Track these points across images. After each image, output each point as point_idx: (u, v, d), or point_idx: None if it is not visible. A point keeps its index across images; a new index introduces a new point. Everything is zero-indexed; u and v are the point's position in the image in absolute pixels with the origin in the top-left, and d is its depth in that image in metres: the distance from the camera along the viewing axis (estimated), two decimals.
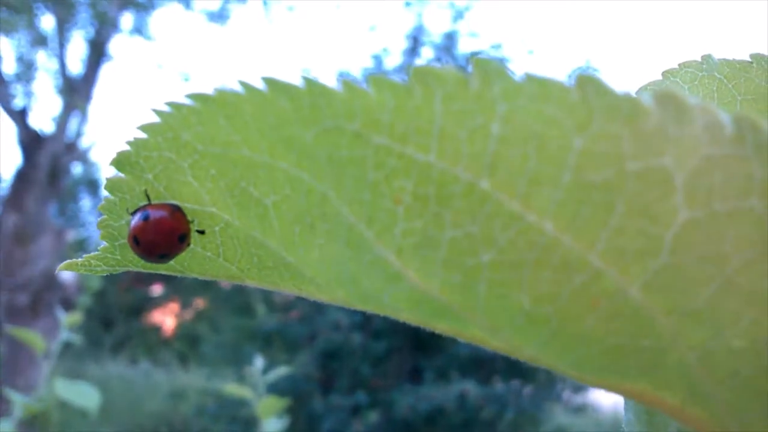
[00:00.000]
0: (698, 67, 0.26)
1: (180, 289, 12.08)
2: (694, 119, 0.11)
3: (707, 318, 0.13)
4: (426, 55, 5.51)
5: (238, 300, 5.83)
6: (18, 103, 5.41)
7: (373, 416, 4.14)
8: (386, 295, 0.16)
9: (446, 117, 0.12)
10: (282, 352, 4.85)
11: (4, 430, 1.14)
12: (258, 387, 1.32)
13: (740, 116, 0.12)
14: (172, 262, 0.19)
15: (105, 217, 0.19)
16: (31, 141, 5.15)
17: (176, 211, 0.18)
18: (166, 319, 12.33)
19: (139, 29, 6.19)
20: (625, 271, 0.13)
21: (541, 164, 0.12)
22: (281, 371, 1.39)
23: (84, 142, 6.05)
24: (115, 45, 6.07)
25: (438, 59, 5.45)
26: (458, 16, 5.58)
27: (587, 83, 0.11)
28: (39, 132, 5.22)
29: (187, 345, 10.70)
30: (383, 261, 0.15)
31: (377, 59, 5.57)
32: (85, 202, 12.35)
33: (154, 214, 0.18)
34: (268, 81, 0.13)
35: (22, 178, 5.11)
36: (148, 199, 0.18)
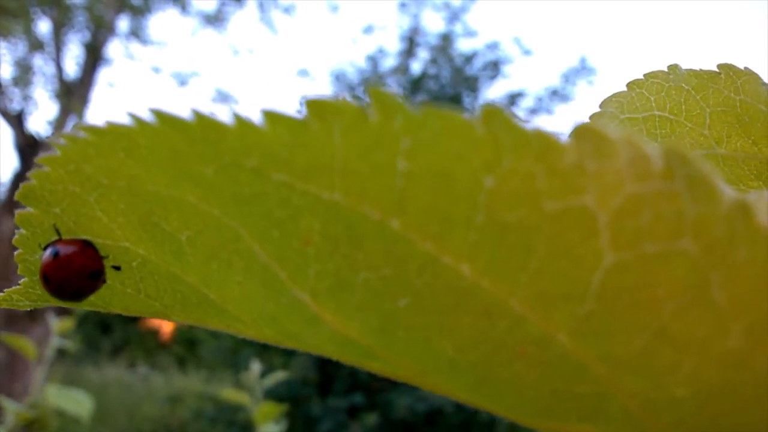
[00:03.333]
0: (665, 78, 0.25)
1: None
2: (616, 153, 0.10)
3: (644, 366, 0.12)
4: (422, 55, 5.51)
5: None
6: (15, 107, 5.41)
7: (372, 418, 4.14)
8: (309, 337, 0.15)
9: (347, 151, 0.11)
10: (279, 355, 4.84)
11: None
12: (255, 392, 1.31)
13: (669, 149, 0.10)
14: (92, 299, 0.18)
15: (21, 251, 0.18)
16: (27, 145, 5.14)
17: (87, 247, 0.17)
18: (164, 323, 12.36)
19: (135, 33, 6.18)
20: (548, 317, 0.12)
21: (452, 203, 0.11)
22: (278, 376, 1.39)
23: None
24: (111, 49, 6.05)
25: (434, 60, 5.44)
26: (454, 16, 5.58)
27: (493, 117, 0.10)
28: (36, 136, 5.21)
29: (185, 349, 10.70)
30: (300, 303, 0.14)
31: (372, 60, 5.57)
32: None
33: (64, 250, 0.17)
34: (157, 114, 0.12)
35: (19, 182, 5.10)
36: (59, 235, 0.17)
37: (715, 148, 0.25)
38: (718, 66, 0.24)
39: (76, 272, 0.17)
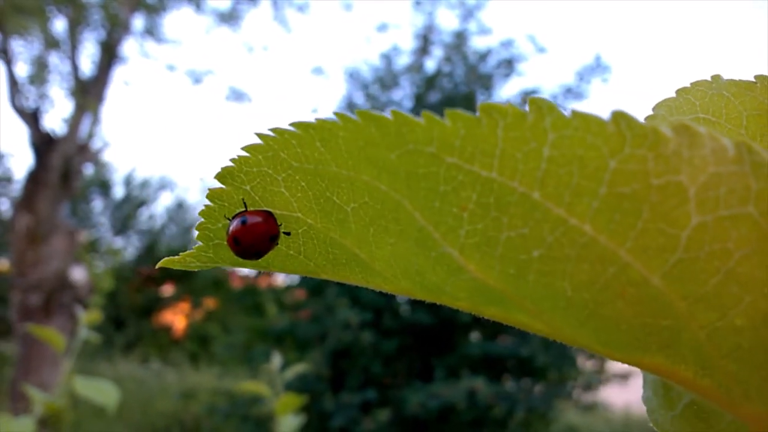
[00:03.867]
0: (708, 86, 0.29)
1: (190, 289, 12.14)
2: (703, 144, 0.15)
3: (715, 301, 0.16)
4: (436, 53, 5.52)
5: (249, 300, 5.86)
6: (31, 105, 5.45)
7: (384, 414, 4.16)
8: (448, 285, 0.19)
9: (506, 142, 0.16)
10: (292, 351, 4.88)
11: (24, 427, 1.16)
12: (276, 384, 1.35)
13: (740, 141, 0.15)
14: (259, 260, 0.23)
15: (203, 221, 0.23)
16: (43, 143, 5.20)
17: (269, 216, 0.21)
18: (177, 319, 12.39)
19: (150, 31, 6.22)
20: (648, 264, 0.16)
21: (582, 180, 0.15)
22: (298, 368, 1.42)
23: (96, 144, 6.10)
24: (126, 47, 6.08)
25: (448, 58, 5.45)
26: (468, 14, 5.58)
27: (621, 118, 0.14)
28: (51, 133, 5.26)
29: (198, 345, 10.76)
30: (448, 257, 0.18)
31: (386, 58, 5.58)
32: (97, 203, 12.41)
33: (251, 219, 0.21)
34: (361, 113, 0.17)
35: (34, 179, 5.15)
36: (245, 207, 0.21)
37: None
38: (755, 77, 0.28)
39: (259, 236, 0.22)
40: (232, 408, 4.61)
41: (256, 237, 0.21)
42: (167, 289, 12.39)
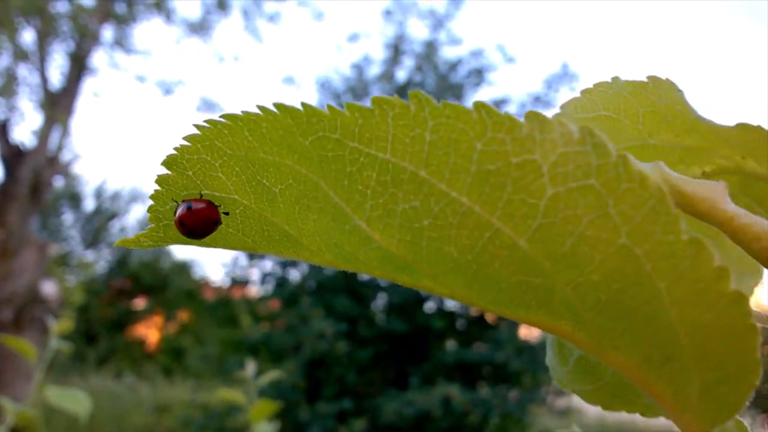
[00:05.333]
0: (608, 87, 0.33)
1: (163, 302, 12.03)
2: (553, 129, 0.18)
3: (572, 260, 0.20)
4: (407, 63, 5.58)
5: (222, 312, 5.82)
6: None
7: (360, 423, 4.17)
8: (361, 255, 0.23)
9: (396, 129, 0.19)
10: (267, 361, 4.87)
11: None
12: (250, 391, 1.37)
13: (583, 127, 0.18)
14: (206, 239, 0.26)
15: (153, 204, 0.26)
16: (12, 155, 5.14)
17: (211, 204, 0.25)
18: (150, 332, 12.26)
19: (120, 42, 6.18)
20: (515, 229, 0.20)
21: (457, 159, 0.19)
22: (273, 375, 1.45)
23: (66, 156, 6.04)
24: (96, 58, 6.03)
25: (419, 67, 5.51)
26: (438, 24, 5.65)
27: (481, 107, 0.18)
28: (20, 146, 5.21)
29: (171, 358, 10.65)
30: (358, 229, 0.22)
31: (358, 68, 5.62)
32: (67, 216, 12.24)
33: (196, 205, 0.25)
34: (278, 105, 0.20)
35: (4, 192, 5.09)
36: (200, 195, 0.25)
37: (647, 140, 0.33)
38: (648, 77, 0.32)
39: (203, 220, 0.25)
40: (207, 420, 4.58)
41: (199, 221, 0.25)
42: (139, 303, 12.27)
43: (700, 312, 0.19)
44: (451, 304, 4.90)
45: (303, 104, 0.20)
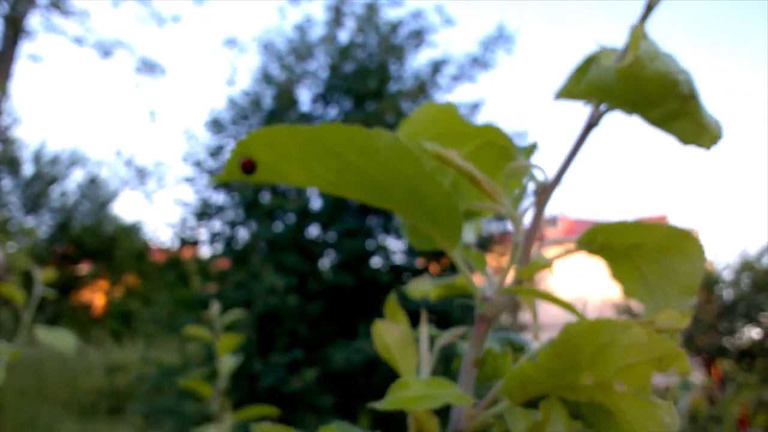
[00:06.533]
0: (420, 111, 0.49)
1: (109, 266, 11.93)
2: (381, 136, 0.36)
3: (392, 177, 0.38)
4: (349, 25, 5.64)
5: (172, 274, 5.86)
6: None
7: (311, 373, 4.34)
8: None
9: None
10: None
11: None
12: (216, 327, 1.53)
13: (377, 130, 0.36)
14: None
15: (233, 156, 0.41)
16: None
17: (251, 160, 0.41)
18: (96, 297, 12.16)
19: (56, 4, 6.03)
20: (370, 167, 0.38)
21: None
22: (235, 314, 1.61)
23: (4, 121, 5.92)
24: (33, 21, 5.89)
25: (360, 29, 5.58)
26: None
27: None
28: None
29: (119, 322, 10.62)
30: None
31: (300, 30, 5.66)
32: (6, 182, 11.91)
33: (244, 160, 0.41)
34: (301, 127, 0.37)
35: None
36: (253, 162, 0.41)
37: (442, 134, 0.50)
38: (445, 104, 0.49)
39: (246, 165, 0.41)
40: (161, 376, 4.68)
41: (245, 165, 0.41)
42: (84, 268, 12.15)
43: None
44: (397, 259, 5.11)
45: (323, 125, 0.36)
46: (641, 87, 0.33)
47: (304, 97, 5.45)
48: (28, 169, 11.90)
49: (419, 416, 0.42)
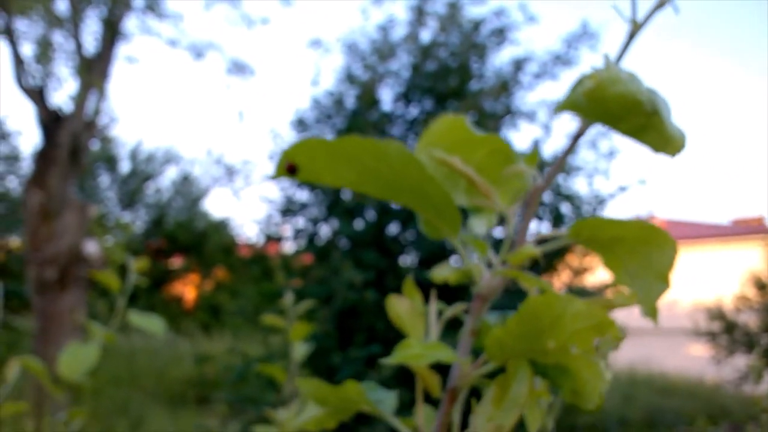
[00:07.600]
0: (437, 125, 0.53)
1: (199, 260, 12.38)
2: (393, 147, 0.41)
3: (403, 181, 0.42)
4: (431, 24, 5.64)
5: (258, 268, 6.04)
6: (36, 83, 5.56)
7: (388, 368, 4.38)
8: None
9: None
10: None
11: (91, 352, 1.40)
12: (290, 315, 1.59)
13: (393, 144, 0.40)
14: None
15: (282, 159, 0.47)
16: (51, 120, 5.32)
17: (293, 164, 0.47)
18: (187, 290, 12.64)
19: (151, 7, 6.26)
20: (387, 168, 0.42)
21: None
22: (308, 304, 1.67)
23: (103, 120, 6.23)
24: (129, 24, 6.16)
25: (443, 28, 5.58)
26: None
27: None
28: (58, 111, 5.40)
29: (209, 315, 10.99)
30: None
31: (383, 30, 5.70)
32: (104, 179, 12.54)
33: (289, 165, 0.47)
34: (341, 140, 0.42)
35: (43, 157, 5.28)
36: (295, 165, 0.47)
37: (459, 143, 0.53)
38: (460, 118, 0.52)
39: (289, 167, 0.47)
40: (247, 366, 4.83)
41: (288, 168, 0.47)
42: (176, 262, 12.66)
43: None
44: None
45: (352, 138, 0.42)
46: (606, 106, 0.40)
47: (386, 96, 5.51)
48: (124, 167, 12.53)
49: (423, 374, 0.49)
